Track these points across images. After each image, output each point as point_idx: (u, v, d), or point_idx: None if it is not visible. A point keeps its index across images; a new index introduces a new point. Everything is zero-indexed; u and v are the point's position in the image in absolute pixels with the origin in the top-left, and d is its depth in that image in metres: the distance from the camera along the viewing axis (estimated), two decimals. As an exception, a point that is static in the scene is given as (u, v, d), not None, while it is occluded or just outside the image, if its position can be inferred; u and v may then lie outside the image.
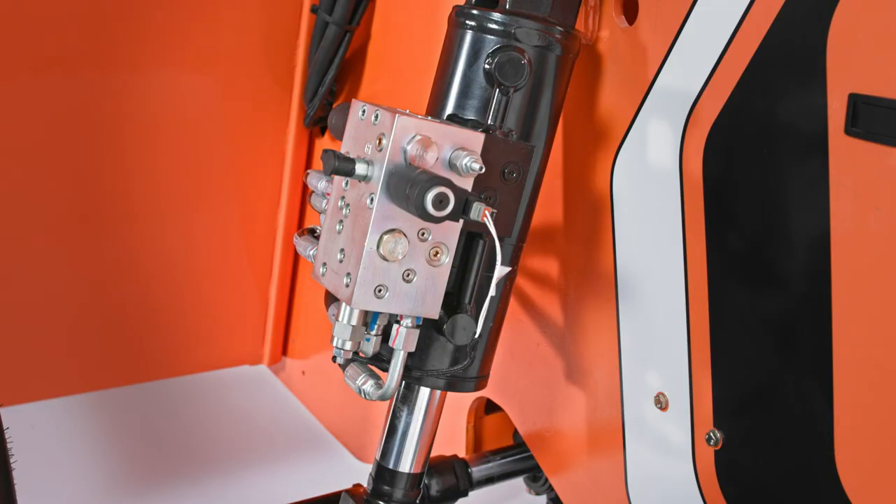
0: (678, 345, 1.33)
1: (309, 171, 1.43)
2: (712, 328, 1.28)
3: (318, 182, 1.37)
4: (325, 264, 1.28)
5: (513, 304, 1.62)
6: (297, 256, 2.40)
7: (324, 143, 2.22)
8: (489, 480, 1.73)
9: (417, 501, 1.47)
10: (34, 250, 2.14)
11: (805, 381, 1.18)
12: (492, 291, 1.21)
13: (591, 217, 1.46)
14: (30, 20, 1.99)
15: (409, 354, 1.28)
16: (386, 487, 1.44)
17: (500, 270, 1.18)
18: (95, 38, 2.03)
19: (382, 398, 1.28)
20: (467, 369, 1.35)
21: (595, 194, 1.44)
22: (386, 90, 1.99)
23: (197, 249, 2.31)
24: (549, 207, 1.53)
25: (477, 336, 1.26)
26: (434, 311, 1.24)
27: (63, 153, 2.11)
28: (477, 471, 1.71)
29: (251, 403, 2.55)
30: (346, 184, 1.26)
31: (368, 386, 1.29)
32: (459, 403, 1.81)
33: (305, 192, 2.30)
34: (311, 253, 1.37)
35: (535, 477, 1.82)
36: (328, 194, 1.33)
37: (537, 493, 1.92)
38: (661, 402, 1.37)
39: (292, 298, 2.43)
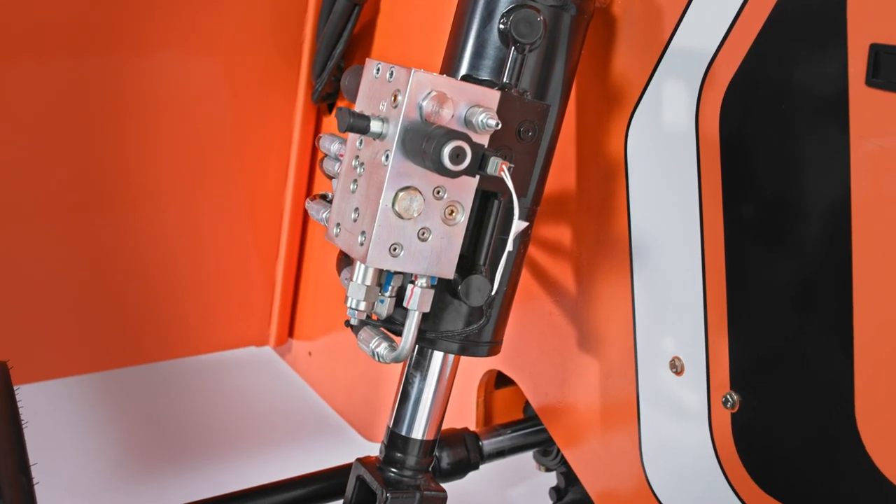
0: (694, 308, 1.32)
1: (321, 134, 1.42)
2: (729, 290, 1.27)
3: (330, 144, 1.36)
4: (338, 225, 1.27)
5: (525, 276, 1.61)
6: (303, 237, 2.39)
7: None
8: (500, 454, 1.72)
9: (430, 470, 1.46)
10: (37, 232, 2.13)
11: (825, 340, 1.17)
12: (509, 246, 1.20)
13: (604, 182, 1.45)
14: (33, 2, 1.98)
15: (423, 317, 1.27)
16: (398, 454, 1.42)
17: (517, 225, 1.17)
18: (99, 13, 2.02)
19: (396, 360, 1.27)
20: (482, 330, 1.33)
21: (609, 159, 1.43)
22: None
23: (202, 230, 2.30)
24: (561, 175, 1.52)
25: (493, 293, 1.24)
26: (449, 271, 1.23)
27: (70, 134, 2.10)
28: (488, 444, 1.70)
29: (257, 385, 2.54)
30: (360, 143, 1.24)
31: (382, 349, 1.28)
32: (470, 377, 1.80)
33: (313, 171, 2.29)
34: (323, 216, 1.36)
35: (546, 451, 1.80)
36: (341, 156, 1.32)
37: (548, 469, 1.90)
38: (676, 367, 1.36)
39: (299, 279, 2.42)
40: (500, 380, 1.85)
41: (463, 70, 1.32)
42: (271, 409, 2.46)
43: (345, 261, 1.44)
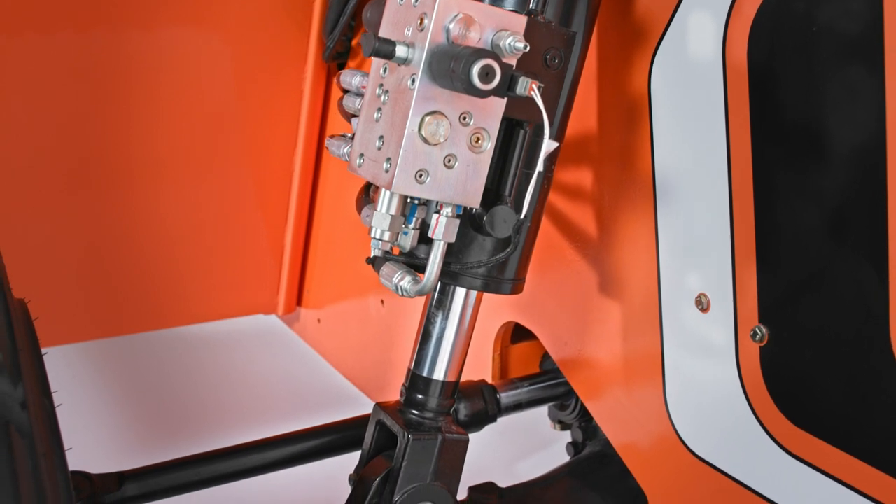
0: (721, 242, 1.30)
1: (341, 70, 1.40)
2: (758, 221, 1.26)
3: (352, 79, 1.35)
4: (361, 155, 1.25)
5: (545, 224, 1.59)
6: (313, 203, 2.37)
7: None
8: (517, 407, 1.70)
9: (451, 412, 1.44)
10: (47, 201, 2.12)
11: (858, 267, 1.16)
12: (539, 166, 1.18)
13: (627, 122, 1.43)
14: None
15: (446, 252, 1.25)
16: (420, 396, 1.41)
17: (547, 145, 1.15)
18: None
19: (420, 293, 1.25)
20: (507, 263, 1.32)
21: (632, 96, 1.41)
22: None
23: (210, 196, 2.28)
24: (582, 119, 1.50)
25: (522, 216, 1.23)
26: (475, 200, 1.21)
27: (78, 101, 2.09)
28: (505, 396, 1.68)
29: (266, 352, 2.52)
30: (385, 71, 1.23)
31: (406, 282, 1.26)
32: (486, 330, 1.78)
33: (323, 135, 2.27)
34: (344, 151, 1.34)
35: (563, 405, 1.78)
36: (363, 88, 1.30)
37: (563, 427, 1.88)
38: (702, 304, 1.35)
39: (308, 246, 2.40)
40: (516, 335, 1.83)
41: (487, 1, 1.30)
42: (280, 376, 2.45)
43: (364, 200, 1.42)
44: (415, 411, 1.41)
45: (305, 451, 1.58)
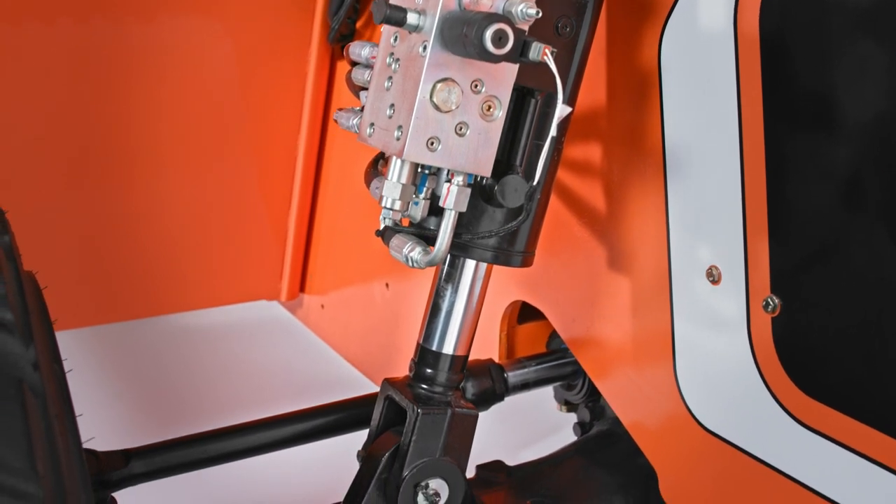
0: (732, 213, 1.30)
1: (350, 43, 1.39)
2: (770, 192, 1.25)
3: (361, 50, 1.34)
4: (372, 125, 1.24)
5: (553, 202, 1.58)
6: (316, 189, 2.36)
7: (345, 64, 2.18)
8: (525, 386, 1.69)
9: (460, 387, 1.43)
10: (49, 187, 2.11)
11: (873, 235, 1.15)
12: (552, 131, 1.17)
13: (637, 94, 1.43)
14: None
15: (456, 224, 1.24)
16: (429, 370, 1.40)
17: (560, 109, 1.15)
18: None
19: (431, 264, 1.24)
20: (518, 234, 1.31)
21: (642, 69, 1.41)
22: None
23: (213, 181, 2.27)
24: (590, 93, 1.50)
25: (536, 182, 1.22)
26: (486, 169, 1.20)
27: (80, 86, 2.08)
28: (513, 375, 1.67)
29: (269, 338, 2.51)
30: (395, 39, 1.22)
31: (416, 253, 1.25)
32: (493, 310, 1.77)
33: (327, 119, 2.26)
34: (353, 122, 1.34)
35: (570, 385, 1.77)
36: (373, 58, 1.29)
37: (569, 409, 1.88)
38: (713, 276, 1.34)
39: (311, 232, 2.39)
40: (522, 315, 1.82)
41: (497, -30, 1.29)
42: (283, 362, 2.44)
43: (373, 173, 1.41)
44: (424, 385, 1.40)
45: (313, 429, 1.57)
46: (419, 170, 1.24)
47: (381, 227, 1.34)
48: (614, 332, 1.52)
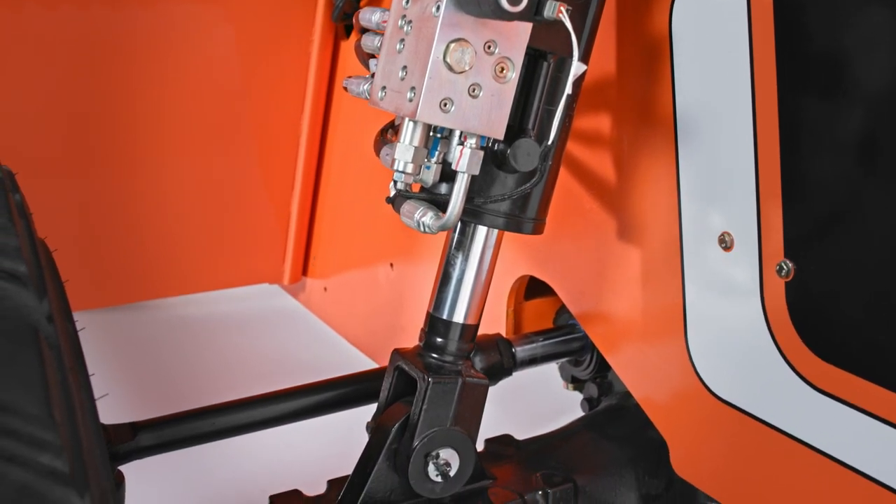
0: (745, 179, 1.29)
1: (359, 9, 1.38)
2: (783, 156, 1.24)
3: (371, 15, 1.33)
4: (384, 88, 1.23)
5: (561, 175, 1.57)
6: (319, 171, 2.35)
7: (349, 44, 2.17)
8: (532, 361, 1.68)
9: (471, 356, 1.43)
10: (55, 170, 2.10)
11: (886, 196, 1.14)
12: (568, 89, 1.17)
13: (647, 61, 1.42)
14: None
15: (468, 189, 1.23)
16: (439, 340, 1.39)
17: (576, 67, 1.14)
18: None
19: (443, 228, 1.24)
20: (529, 198, 1.30)
21: (652, 36, 1.40)
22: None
23: (216, 163, 2.26)
24: (600, 62, 1.49)
25: (550, 142, 1.21)
26: (499, 131, 1.19)
27: (82, 72, 2.07)
28: (521, 350, 1.66)
29: (271, 322, 2.50)
30: (407, 1, 1.21)
31: (428, 218, 1.25)
32: (500, 286, 1.76)
33: (330, 100, 2.25)
34: (364, 88, 1.33)
35: (578, 361, 1.77)
36: (384, 22, 1.28)
37: (576, 387, 1.87)
38: (725, 242, 1.33)
39: (313, 215, 2.38)
40: (529, 292, 1.81)
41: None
42: (286, 345, 2.42)
43: (382, 141, 1.40)
44: (434, 355, 1.39)
45: (321, 403, 1.56)
46: (431, 133, 1.23)
47: (391, 194, 1.34)
48: (624, 303, 1.52)
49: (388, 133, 1.41)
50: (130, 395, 2.19)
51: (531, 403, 2.13)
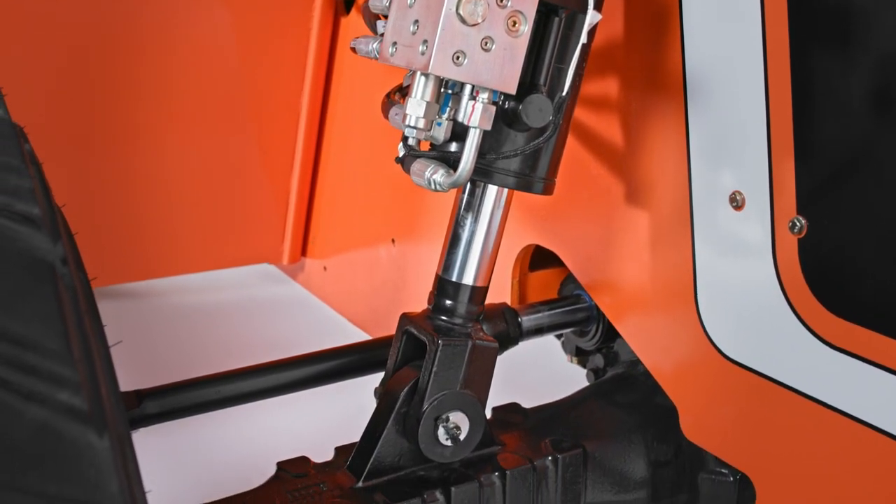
0: (757, 136, 1.28)
1: None
2: (796, 111, 1.24)
3: (380, -26, 1.32)
4: (394, 43, 1.22)
5: (569, 142, 1.56)
6: (318, 150, 2.33)
7: (349, 21, 2.16)
8: (538, 331, 1.67)
9: (481, 318, 1.42)
10: (54, 149, 2.08)
11: (901, 146, 1.14)
12: (582, 38, 1.16)
13: (656, 20, 1.41)
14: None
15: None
16: (448, 302, 1.38)
17: (591, 16, 1.13)
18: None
19: (454, 185, 1.23)
20: (539, 160, 1.29)
21: (661, -4, 1.39)
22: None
23: (214, 141, 2.24)
24: (607, 22, 1.48)
25: (565, 93, 1.20)
26: (511, 86, 1.19)
27: (84, 53, 2.05)
28: (527, 320, 1.65)
29: (270, 302, 2.48)
30: (418, -44, 1.20)
31: (439, 175, 1.24)
32: (505, 256, 1.75)
33: (330, 76, 2.24)
34: (373, 47, 1.32)
35: (584, 332, 1.75)
36: (394, -21, 1.27)
37: (580, 361, 1.86)
38: (736, 201, 1.32)
39: (313, 194, 2.37)
40: (533, 263, 1.81)
41: None
42: (285, 325, 2.41)
43: (389, 103, 1.39)
44: (443, 317, 1.38)
45: (327, 372, 1.55)
46: (441, 90, 1.22)
47: (400, 154, 1.33)
48: (633, 268, 1.51)
49: (396, 94, 1.40)
50: (127, 375, 2.17)
51: (534, 378, 2.12)
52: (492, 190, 1.34)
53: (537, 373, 2.10)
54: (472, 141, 1.20)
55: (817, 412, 1.25)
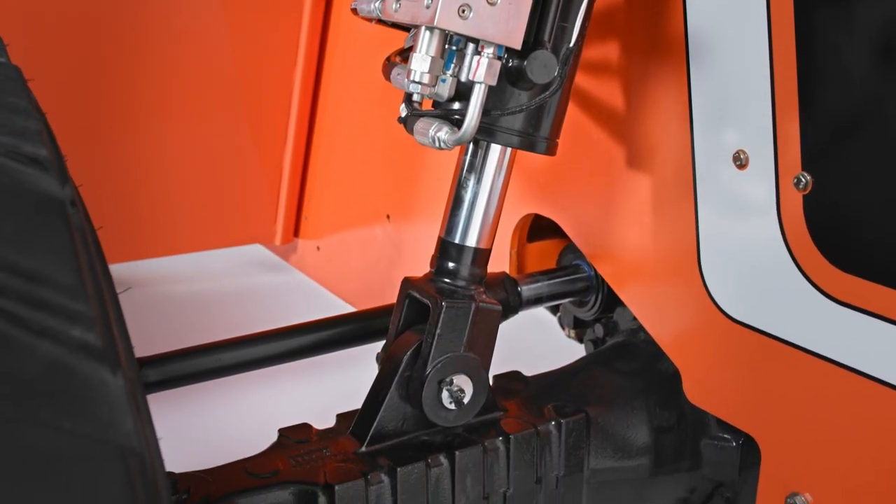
0: (761, 93, 1.28)
1: None
2: (800, 66, 1.23)
3: (381, -68, 1.31)
4: (398, 0, 1.22)
5: (570, 108, 1.55)
6: (311, 127, 2.32)
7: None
8: (538, 300, 1.66)
9: (484, 283, 1.41)
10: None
11: (906, 99, 1.14)
12: (590, -11, 1.15)
13: (657, -17, 1.41)
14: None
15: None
16: (451, 264, 1.37)
17: (599, -35, 1.12)
18: None
19: (459, 142, 1.22)
20: (542, 119, 1.29)
21: (663, -44, 1.39)
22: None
23: (205, 120, 2.22)
24: (607, -10, 1.48)
25: (573, 43, 1.20)
26: (517, 40, 1.18)
27: (73, 33, 2.03)
28: (527, 289, 1.64)
29: (261, 283, 2.47)
30: None
31: (443, 133, 1.23)
32: (504, 226, 1.74)
33: (323, 52, 2.23)
34: (376, 6, 1.31)
35: (583, 302, 1.75)
36: (397, -64, 1.26)
37: (578, 334, 1.86)
38: (740, 160, 1.32)
39: (305, 174, 2.35)
40: (531, 235, 1.80)
41: None
42: (278, 305, 2.39)
43: (390, 65, 1.38)
44: (446, 279, 1.37)
45: (328, 340, 1.54)
46: (446, 47, 1.21)
47: (403, 115, 1.32)
48: (635, 233, 1.50)
49: (398, 57, 1.39)
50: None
51: (529, 357, 2.11)
52: (495, 150, 1.34)
53: (533, 349, 2.09)
54: (478, 96, 1.20)
55: (824, 369, 1.25)
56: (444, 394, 1.35)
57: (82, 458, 0.71)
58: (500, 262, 1.76)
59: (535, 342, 2.02)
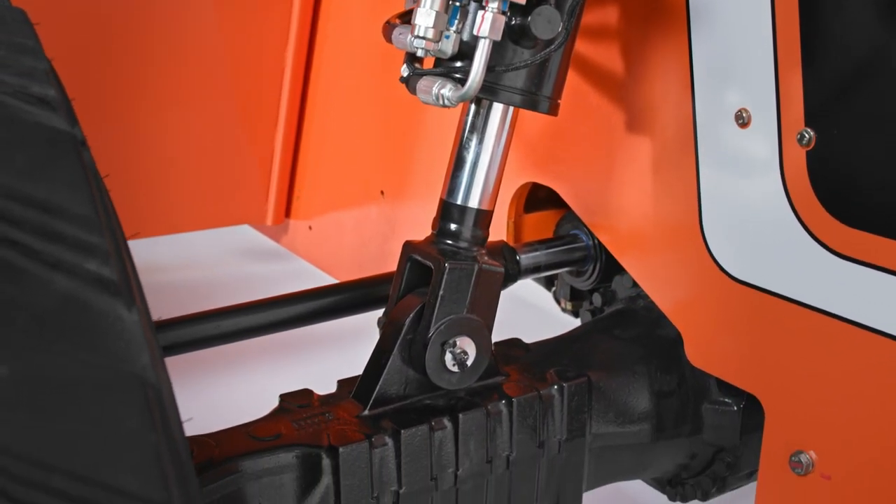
0: (763, 49, 1.28)
1: None
2: (803, 20, 1.23)
3: None
4: (401, -45, 1.21)
5: (569, 75, 1.55)
6: (303, 106, 2.30)
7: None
8: (537, 269, 1.66)
9: (486, 246, 1.40)
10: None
11: (910, 51, 1.14)
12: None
13: (657, -56, 1.41)
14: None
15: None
16: (454, 226, 1.37)
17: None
18: None
19: (463, 98, 1.22)
20: (545, 77, 1.29)
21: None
22: None
23: (195, 98, 2.20)
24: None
25: (573, 6, 1.20)
26: (521, -5, 1.18)
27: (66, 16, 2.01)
28: (525, 258, 1.64)
29: (253, 263, 2.45)
30: None
31: (447, 90, 1.23)
32: (501, 197, 1.73)
33: (315, 28, 2.21)
34: (376, -36, 1.30)
35: (580, 272, 1.74)
36: None
37: (573, 307, 1.85)
38: (742, 118, 1.32)
39: (297, 155, 2.34)
40: (528, 206, 1.80)
41: None
42: (271, 284, 2.38)
43: (391, 27, 1.38)
44: (449, 241, 1.37)
45: (328, 307, 1.53)
46: (451, 1, 1.21)
47: (404, 74, 1.32)
48: (636, 199, 1.50)
49: (398, 20, 1.39)
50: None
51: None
52: (497, 110, 1.33)
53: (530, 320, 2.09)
54: (482, 52, 1.19)
55: (828, 325, 1.25)
56: (448, 356, 1.34)
57: (101, 384, 0.70)
58: (497, 233, 1.76)
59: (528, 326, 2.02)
